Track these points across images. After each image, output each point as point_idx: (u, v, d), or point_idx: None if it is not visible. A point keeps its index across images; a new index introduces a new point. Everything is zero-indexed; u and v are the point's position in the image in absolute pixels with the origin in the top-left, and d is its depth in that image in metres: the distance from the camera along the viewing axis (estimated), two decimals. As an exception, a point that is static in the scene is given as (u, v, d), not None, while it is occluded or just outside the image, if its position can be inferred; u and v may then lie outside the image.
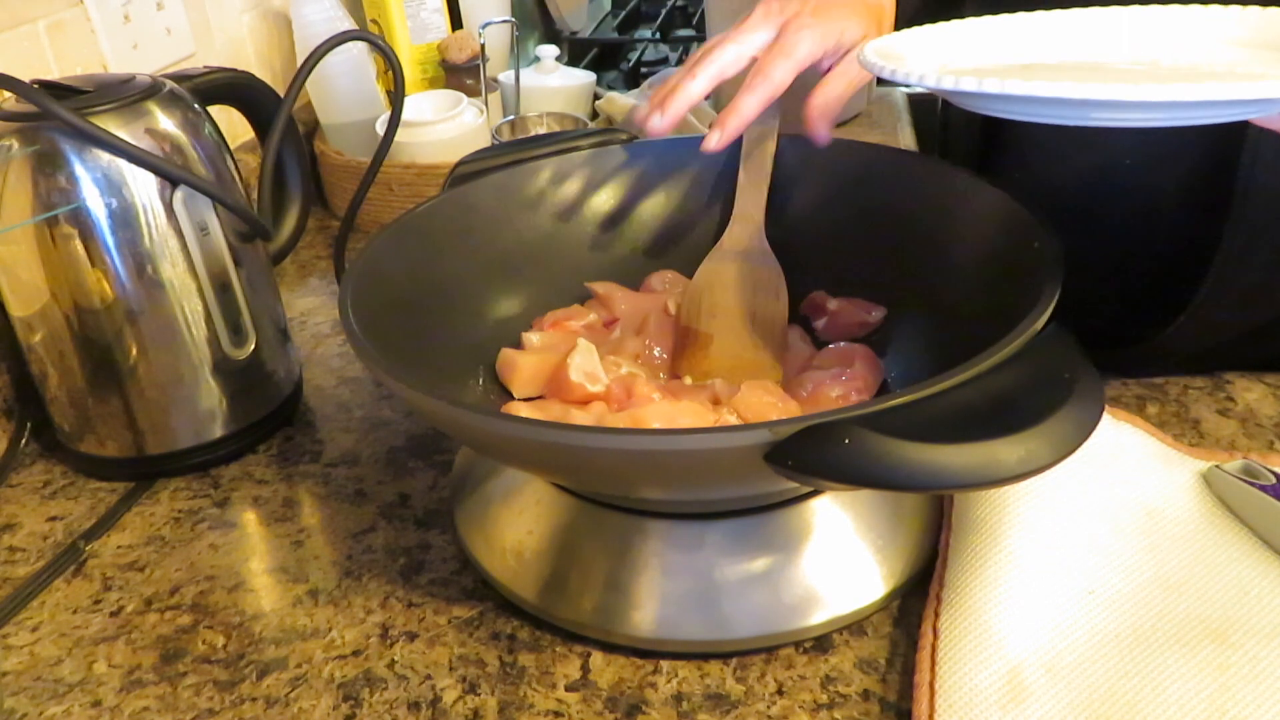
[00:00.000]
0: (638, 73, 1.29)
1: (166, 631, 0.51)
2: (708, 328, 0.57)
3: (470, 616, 0.50)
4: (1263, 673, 0.41)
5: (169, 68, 0.84)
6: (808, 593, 0.47)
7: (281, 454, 0.64)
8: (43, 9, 0.73)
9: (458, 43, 1.04)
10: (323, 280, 0.86)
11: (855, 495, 0.49)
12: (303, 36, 0.96)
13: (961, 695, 0.42)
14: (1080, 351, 0.40)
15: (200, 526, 0.58)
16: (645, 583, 0.47)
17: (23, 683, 0.48)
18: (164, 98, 0.58)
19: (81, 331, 0.58)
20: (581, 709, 0.45)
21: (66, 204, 0.55)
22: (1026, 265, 0.47)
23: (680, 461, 0.39)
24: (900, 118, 1.09)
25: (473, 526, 0.53)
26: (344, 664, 0.48)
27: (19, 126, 0.54)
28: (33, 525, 0.59)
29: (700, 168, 0.64)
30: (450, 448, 0.62)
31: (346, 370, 0.72)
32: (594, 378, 0.53)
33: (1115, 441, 0.53)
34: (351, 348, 0.46)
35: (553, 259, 0.62)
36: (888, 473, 0.36)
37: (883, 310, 0.57)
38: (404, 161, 0.90)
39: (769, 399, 0.52)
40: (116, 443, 0.61)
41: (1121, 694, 0.41)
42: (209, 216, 0.59)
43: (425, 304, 0.55)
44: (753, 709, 0.44)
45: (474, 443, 0.51)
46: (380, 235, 0.54)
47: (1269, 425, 0.58)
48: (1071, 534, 0.48)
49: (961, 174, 0.56)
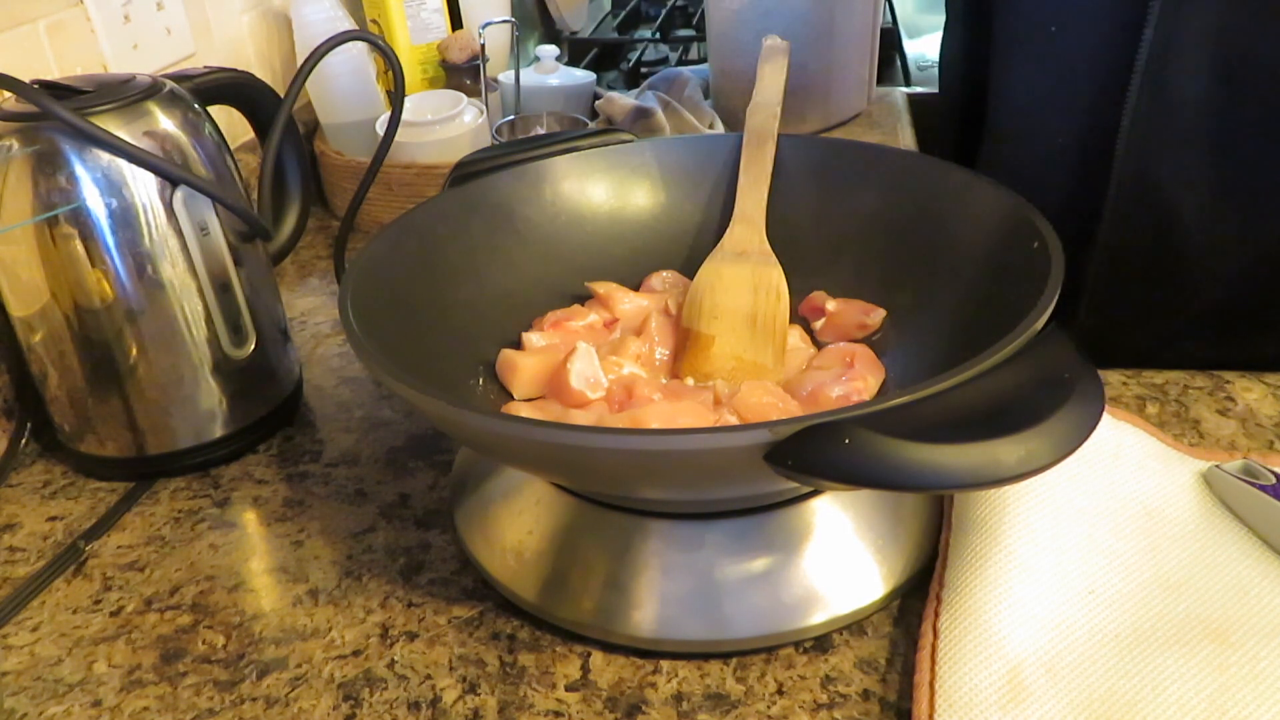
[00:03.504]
0: (638, 73, 1.28)
1: (166, 631, 0.51)
2: (709, 329, 0.57)
3: (470, 616, 0.50)
4: (1263, 673, 0.42)
5: (169, 68, 0.84)
6: (808, 593, 0.47)
7: (281, 454, 0.64)
8: (43, 9, 0.73)
9: (458, 43, 1.04)
10: (323, 280, 0.86)
11: (855, 495, 0.49)
12: (303, 36, 0.96)
13: (961, 695, 0.42)
14: (1080, 351, 0.40)
15: (200, 526, 0.58)
16: (645, 583, 0.47)
17: (23, 683, 0.48)
18: (164, 98, 0.58)
19: (81, 331, 0.58)
20: (581, 709, 0.45)
21: (66, 204, 0.55)
22: (1026, 265, 0.47)
23: (680, 461, 0.39)
24: (900, 118, 1.09)
25: (473, 526, 0.53)
26: (344, 664, 0.48)
27: (19, 126, 0.54)
28: (33, 525, 0.59)
29: (700, 168, 0.64)
30: (450, 448, 0.62)
31: (346, 370, 0.72)
32: (595, 385, 0.53)
33: (1115, 441, 0.53)
34: (351, 348, 0.46)
35: (553, 259, 0.62)
36: (888, 473, 0.36)
37: (881, 313, 0.57)
38: (404, 161, 0.90)
39: (769, 399, 0.52)
40: (116, 443, 0.61)
41: (1121, 694, 0.41)
42: (209, 216, 0.59)
43: (425, 304, 0.55)
44: (753, 709, 0.44)
45: (474, 443, 0.51)
46: (380, 235, 0.54)
47: (1269, 425, 0.58)
48: (1071, 534, 0.48)
49: (962, 174, 0.56)
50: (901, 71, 1.35)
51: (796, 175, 0.62)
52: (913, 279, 0.57)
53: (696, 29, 1.46)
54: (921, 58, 1.38)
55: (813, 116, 1.04)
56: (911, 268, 0.57)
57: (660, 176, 0.64)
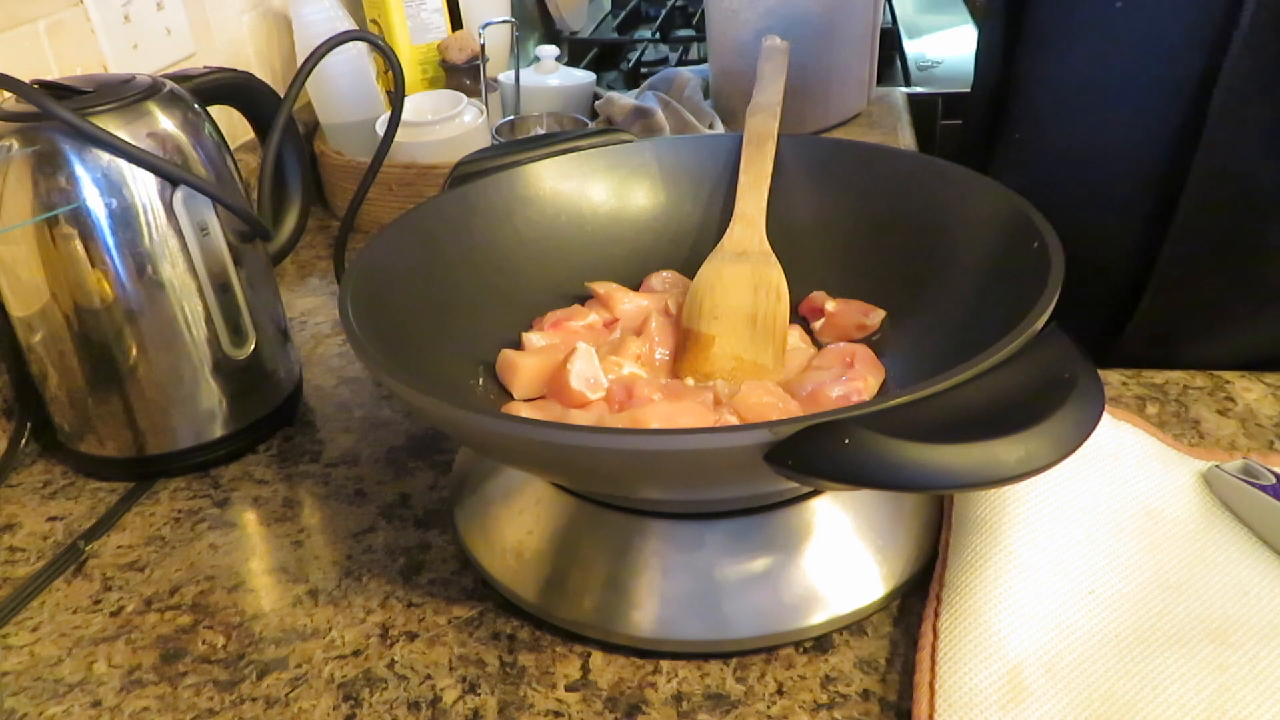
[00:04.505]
0: (638, 73, 1.29)
1: (166, 631, 0.51)
2: (709, 329, 0.57)
3: (470, 616, 0.50)
4: (1263, 673, 0.41)
5: (169, 68, 0.84)
6: (808, 593, 0.47)
7: (281, 454, 0.64)
8: (43, 9, 0.73)
9: (458, 43, 1.05)
10: (323, 280, 0.86)
11: (855, 495, 0.49)
12: (303, 36, 0.96)
13: (961, 695, 0.42)
14: (1080, 351, 0.40)
15: (200, 526, 0.58)
16: (645, 583, 0.47)
17: (23, 683, 0.48)
18: (164, 98, 0.58)
19: (81, 331, 0.58)
20: (581, 709, 0.45)
21: (66, 204, 0.55)
22: (1026, 265, 0.47)
23: (680, 461, 0.39)
24: (900, 118, 1.09)
25: (473, 526, 0.53)
26: (344, 664, 0.48)
27: (19, 126, 0.54)
28: (33, 525, 0.59)
29: (700, 168, 0.64)
30: (450, 448, 0.62)
31: (346, 370, 0.72)
32: (595, 385, 0.53)
33: (1115, 441, 0.53)
34: (351, 348, 0.46)
35: (553, 259, 0.62)
36: (888, 473, 0.36)
37: (881, 313, 0.57)
38: (404, 161, 0.90)
39: (769, 399, 0.52)
40: (116, 443, 0.61)
41: (1121, 694, 0.41)
42: (209, 216, 0.59)
43: (425, 304, 0.55)
44: (753, 709, 0.44)
45: (474, 443, 0.51)
46: (380, 235, 0.54)
47: (1269, 425, 0.58)
48: (1071, 534, 0.48)
49: (962, 174, 0.56)
50: (901, 71, 1.35)
51: (796, 175, 0.62)
52: (913, 279, 0.57)
53: (696, 29, 1.46)
54: (921, 58, 1.38)
55: (813, 116, 1.04)
56: (911, 268, 0.57)
57: (660, 176, 0.64)
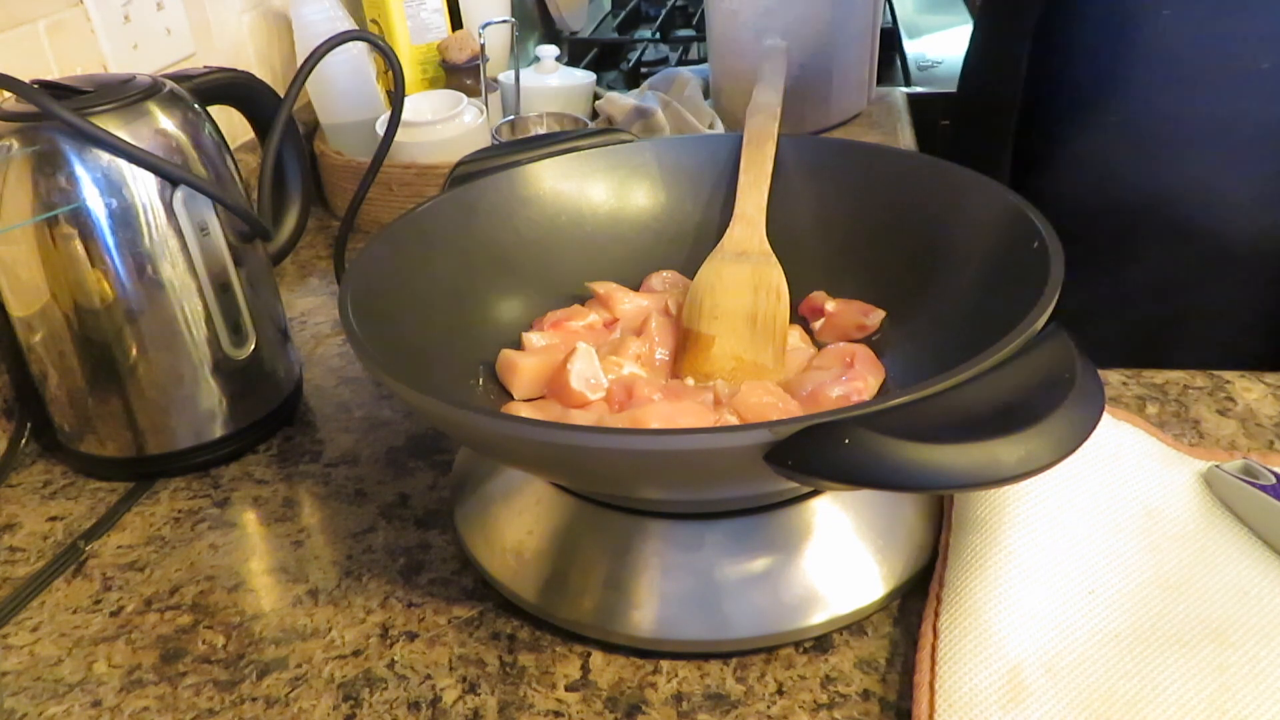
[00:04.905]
0: (638, 73, 1.29)
1: (166, 631, 0.51)
2: (709, 329, 0.57)
3: (470, 616, 0.50)
4: (1263, 673, 0.42)
5: (169, 68, 0.84)
6: (808, 593, 0.47)
7: (281, 454, 0.64)
8: (43, 9, 0.73)
9: (458, 43, 1.05)
10: (323, 280, 0.86)
11: (855, 495, 0.49)
12: (303, 36, 0.96)
13: (961, 695, 0.42)
14: (1080, 351, 0.40)
15: (200, 526, 0.58)
16: (645, 583, 0.47)
17: (23, 683, 0.48)
18: (164, 98, 0.58)
19: (81, 331, 0.58)
20: (581, 709, 0.45)
21: (66, 204, 0.55)
22: (1026, 265, 0.47)
23: (680, 461, 0.39)
24: (900, 118, 1.09)
25: (473, 526, 0.53)
26: (344, 664, 0.48)
27: (19, 126, 0.54)
28: (33, 525, 0.59)
29: (700, 168, 0.64)
30: (450, 448, 0.62)
31: (346, 370, 0.72)
32: (596, 386, 0.53)
33: (1115, 441, 0.53)
34: (351, 348, 0.46)
35: (553, 259, 0.62)
36: (888, 473, 0.36)
37: (881, 313, 0.57)
38: (404, 161, 0.90)
39: (769, 399, 0.52)
40: (116, 443, 0.61)
41: (1121, 694, 0.41)
42: (209, 216, 0.59)
43: (425, 304, 0.55)
44: (753, 709, 0.44)
45: (474, 443, 0.51)
46: (380, 235, 0.54)
47: (1269, 425, 0.58)
48: (1071, 534, 0.48)
49: (961, 173, 0.56)
50: (901, 71, 1.35)
51: (796, 175, 0.62)
52: (913, 279, 0.57)
53: (696, 29, 1.46)
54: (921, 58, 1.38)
55: (813, 116, 1.04)
56: (911, 268, 0.57)
57: (660, 176, 0.64)
